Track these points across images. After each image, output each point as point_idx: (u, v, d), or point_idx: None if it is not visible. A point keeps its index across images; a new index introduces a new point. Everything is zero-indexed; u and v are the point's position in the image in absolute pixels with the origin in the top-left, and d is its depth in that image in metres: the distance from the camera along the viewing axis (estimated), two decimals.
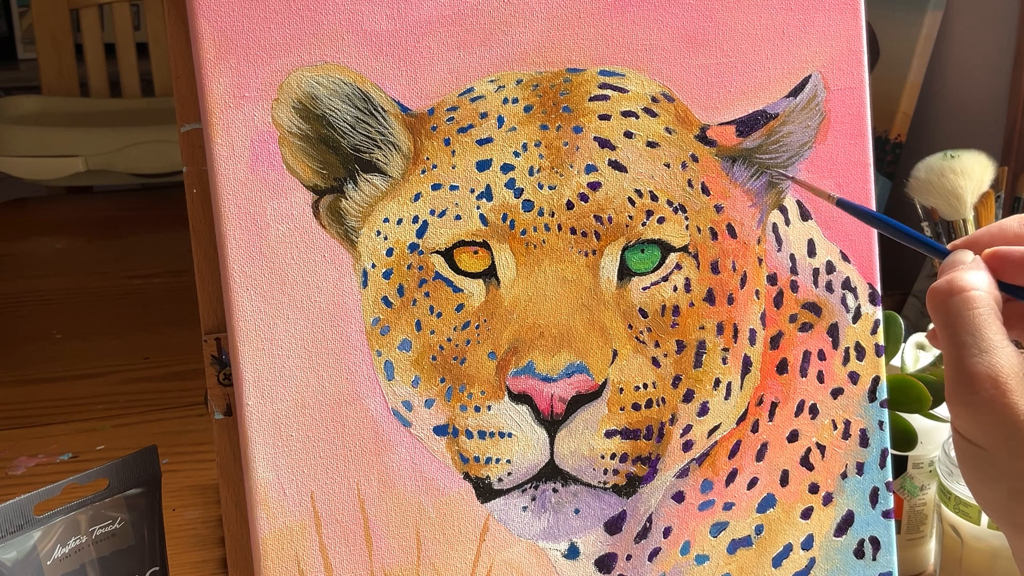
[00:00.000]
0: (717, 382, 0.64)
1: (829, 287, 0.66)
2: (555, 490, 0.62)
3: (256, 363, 0.59)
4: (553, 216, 0.61)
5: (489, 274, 0.61)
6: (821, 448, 0.66)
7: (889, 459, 0.67)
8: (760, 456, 0.65)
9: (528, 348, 0.61)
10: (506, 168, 0.61)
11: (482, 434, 0.61)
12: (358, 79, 0.59)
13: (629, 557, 0.64)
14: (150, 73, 1.98)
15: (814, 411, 0.66)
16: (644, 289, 0.62)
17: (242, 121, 0.58)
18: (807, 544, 0.66)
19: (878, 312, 0.66)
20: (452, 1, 0.60)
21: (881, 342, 0.67)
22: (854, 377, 0.66)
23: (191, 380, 1.09)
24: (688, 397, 0.63)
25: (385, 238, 0.60)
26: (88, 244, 1.56)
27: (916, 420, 0.75)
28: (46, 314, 1.29)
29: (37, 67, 1.94)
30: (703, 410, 0.64)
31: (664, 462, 0.64)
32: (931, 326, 0.48)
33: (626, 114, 0.62)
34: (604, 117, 0.62)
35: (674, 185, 0.62)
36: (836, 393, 0.66)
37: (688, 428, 0.64)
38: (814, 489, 0.66)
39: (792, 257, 0.65)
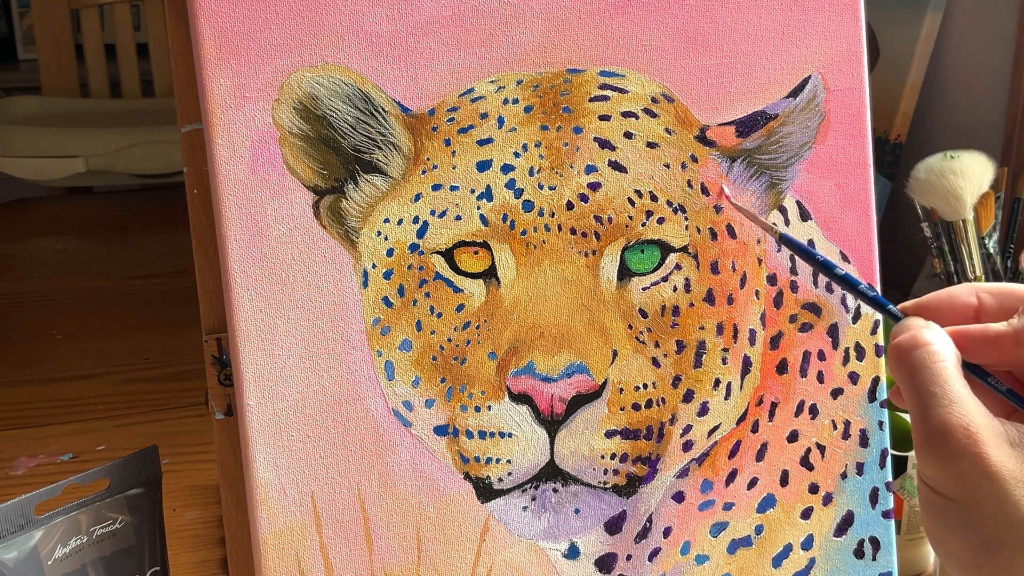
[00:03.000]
0: (717, 382, 0.64)
1: (829, 287, 0.66)
2: (555, 490, 0.62)
3: (257, 363, 0.59)
4: (553, 216, 0.61)
5: (489, 274, 0.61)
6: (821, 448, 0.66)
7: (889, 459, 0.67)
8: (760, 456, 0.65)
9: (528, 348, 0.61)
10: (506, 168, 0.61)
11: (482, 434, 0.61)
12: (359, 80, 0.59)
13: (629, 557, 0.64)
14: (150, 74, 1.98)
15: (814, 411, 0.66)
16: (644, 289, 0.62)
17: (243, 121, 0.58)
18: (807, 544, 0.67)
19: (878, 312, 0.66)
20: (453, 2, 0.60)
21: (881, 342, 0.67)
22: (854, 377, 0.66)
23: (192, 380, 1.09)
24: (688, 397, 0.64)
25: (385, 238, 0.60)
26: (88, 245, 1.56)
27: None
28: (46, 314, 1.30)
29: (37, 67, 1.94)
30: (703, 410, 0.64)
31: (664, 462, 0.64)
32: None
33: (626, 115, 0.62)
34: (604, 118, 0.62)
35: (674, 185, 0.62)
36: (836, 393, 0.66)
37: (688, 428, 0.64)
38: (814, 489, 0.66)
39: (792, 257, 0.65)
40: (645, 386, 0.62)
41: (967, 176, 0.85)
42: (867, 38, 0.65)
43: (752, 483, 0.65)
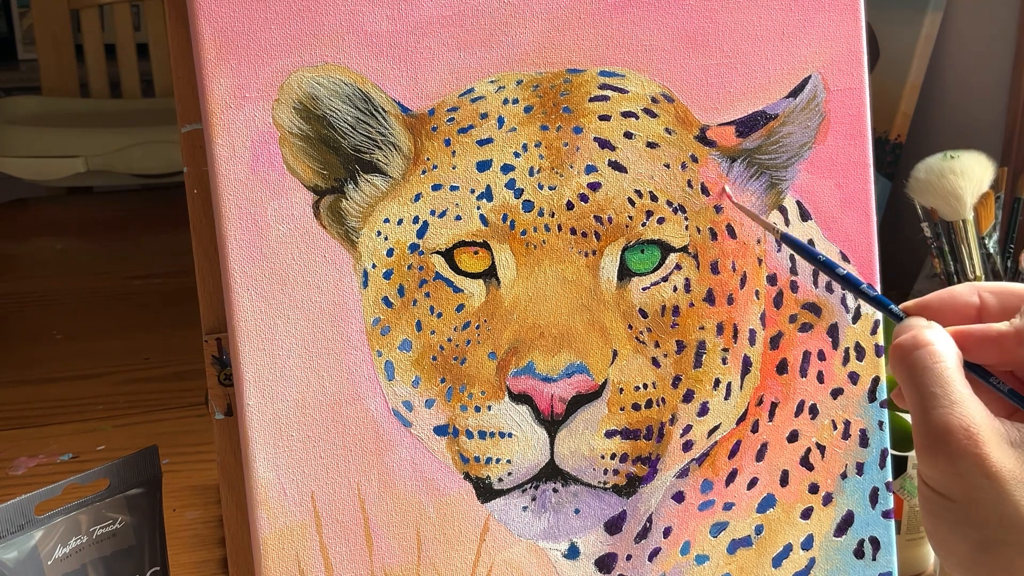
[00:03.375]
0: (717, 382, 0.64)
1: (829, 287, 0.66)
2: (555, 490, 0.62)
3: (257, 363, 0.59)
4: (553, 216, 0.61)
5: (489, 274, 0.61)
6: (821, 448, 0.66)
7: (889, 459, 0.67)
8: (760, 456, 0.65)
9: (528, 348, 0.61)
10: (506, 168, 0.61)
11: (482, 434, 0.61)
12: (359, 80, 0.59)
13: (629, 557, 0.64)
14: (150, 73, 1.99)
15: (814, 411, 0.66)
16: (644, 289, 0.62)
17: (243, 121, 0.58)
18: (807, 544, 0.67)
19: (878, 312, 0.66)
20: (453, 2, 0.60)
21: (881, 342, 0.67)
22: (854, 377, 0.66)
23: (191, 380, 1.09)
24: (688, 397, 0.64)
25: (385, 238, 0.60)
26: (88, 245, 1.56)
27: None
28: (46, 314, 1.30)
29: (37, 67, 1.94)
30: (703, 410, 0.64)
31: (664, 462, 0.64)
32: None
33: (626, 115, 0.62)
34: (604, 118, 0.62)
35: (674, 185, 0.62)
36: (836, 393, 0.66)
37: (688, 428, 0.64)
38: (814, 489, 0.66)
39: (792, 257, 0.65)
40: (645, 386, 0.62)
41: (967, 176, 0.85)
42: (867, 38, 0.65)
43: (752, 483, 0.65)
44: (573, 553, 0.64)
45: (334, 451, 0.60)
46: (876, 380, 0.67)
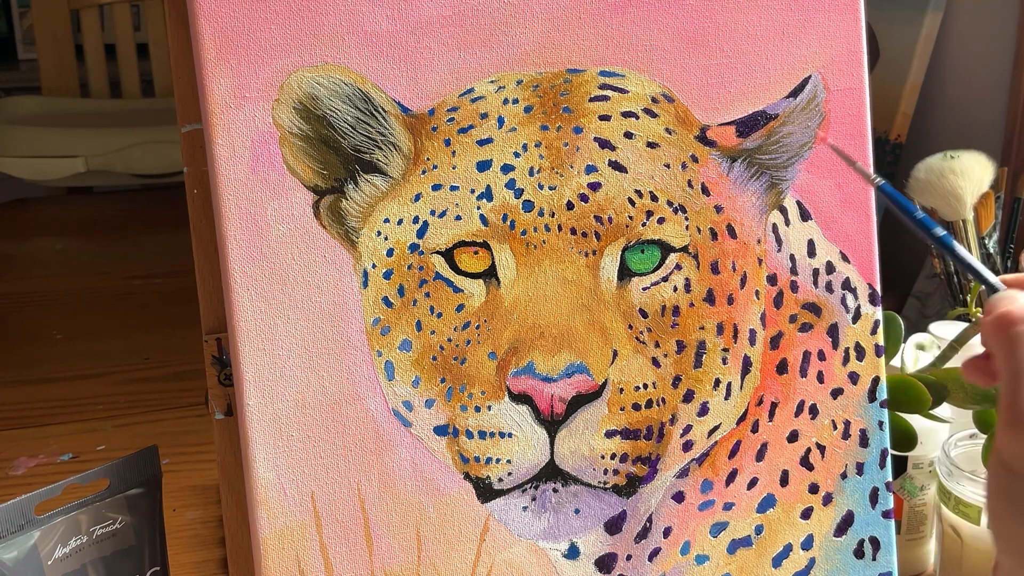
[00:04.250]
0: (717, 382, 0.64)
1: (829, 287, 0.66)
2: (555, 490, 0.62)
3: (257, 363, 0.59)
4: (553, 216, 0.61)
5: (489, 274, 0.61)
6: (821, 448, 0.66)
7: (889, 459, 0.67)
8: (760, 456, 0.65)
9: (528, 348, 0.61)
10: (506, 168, 0.61)
11: (482, 434, 0.61)
12: (359, 80, 0.59)
13: (629, 557, 0.64)
14: (150, 73, 1.99)
15: (814, 411, 0.66)
16: (644, 289, 0.62)
17: (243, 121, 0.58)
18: (807, 544, 0.67)
19: (878, 312, 0.66)
20: (453, 2, 0.60)
21: (881, 342, 0.67)
22: (854, 377, 0.66)
23: (191, 380, 1.09)
24: (688, 397, 0.63)
25: (385, 238, 0.60)
26: (88, 245, 1.56)
27: (916, 420, 0.75)
28: (46, 314, 1.30)
29: (37, 67, 1.94)
30: (703, 410, 0.64)
31: (664, 462, 0.64)
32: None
33: (626, 114, 0.62)
34: (604, 118, 0.62)
35: (674, 185, 0.62)
36: (836, 393, 0.66)
37: (688, 428, 0.64)
38: (814, 489, 0.66)
39: (792, 257, 0.65)
40: (645, 386, 0.62)
41: (967, 176, 0.85)
42: (867, 38, 0.65)
43: (752, 483, 0.65)
44: (573, 553, 0.64)
45: (334, 451, 0.60)
46: (876, 380, 0.67)
